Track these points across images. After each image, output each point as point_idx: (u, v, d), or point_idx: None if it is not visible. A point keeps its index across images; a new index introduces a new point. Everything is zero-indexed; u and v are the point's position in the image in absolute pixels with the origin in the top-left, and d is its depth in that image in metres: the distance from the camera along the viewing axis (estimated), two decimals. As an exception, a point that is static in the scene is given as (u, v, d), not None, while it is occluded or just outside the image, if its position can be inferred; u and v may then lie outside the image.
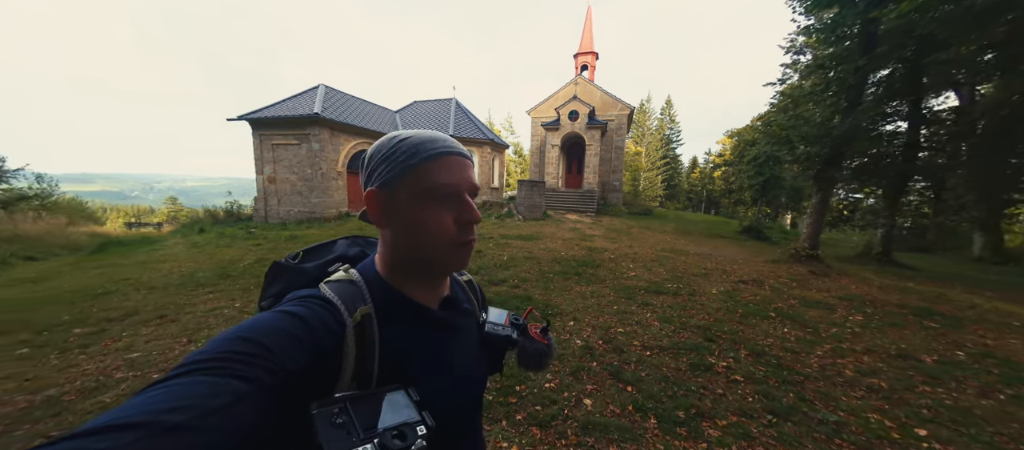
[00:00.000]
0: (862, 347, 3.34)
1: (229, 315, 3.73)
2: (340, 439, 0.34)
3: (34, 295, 4.60)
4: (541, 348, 0.67)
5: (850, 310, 4.51)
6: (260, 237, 8.19)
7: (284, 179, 11.49)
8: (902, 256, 10.56)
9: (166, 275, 5.27)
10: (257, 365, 0.34)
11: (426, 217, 0.47)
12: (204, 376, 0.31)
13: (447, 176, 0.47)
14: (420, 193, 0.47)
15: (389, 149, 0.49)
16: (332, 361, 0.42)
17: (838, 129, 7.03)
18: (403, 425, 0.37)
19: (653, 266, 6.76)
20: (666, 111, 44.62)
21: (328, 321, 0.42)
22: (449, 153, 0.49)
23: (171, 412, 0.27)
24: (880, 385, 2.67)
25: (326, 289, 0.46)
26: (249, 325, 0.38)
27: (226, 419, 0.30)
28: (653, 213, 18.50)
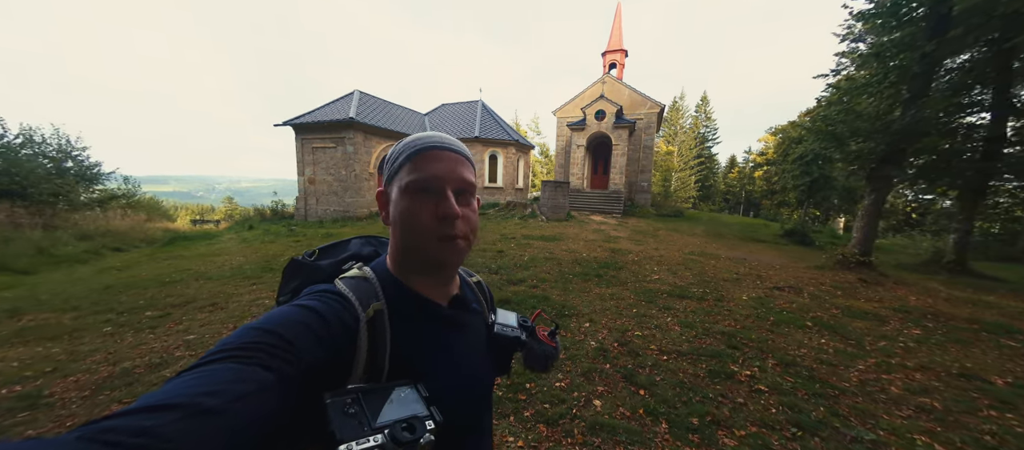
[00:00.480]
0: (915, 363, 3.00)
1: (268, 304, 4.05)
2: (351, 428, 0.35)
3: (118, 281, 5.30)
4: (548, 350, 0.67)
5: (905, 323, 4.05)
6: (300, 234, 8.90)
7: (322, 180, 12.36)
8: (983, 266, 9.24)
9: (220, 267, 5.81)
10: (278, 355, 0.36)
11: (407, 211, 0.48)
12: (233, 363, 0.33)
13: (427, 169, 0.48)
14: (404, 188, 0.49)
15: (391, 152, 0.53)
16: (346, 354, 0.43)
17: (899, 123, 6.30)
18: (412, 418, 0.38)
19: (679, 270, 6.48)
20: (701, 108, 42.30)
21: (343, 315, 0.44)
22: (432, 148, 0.49)
23: (207, 396, 0.29)
24: (933, 405, 2.39)
25: (341, 285, 0.48)
26: (270, 317, 0.40)
27: (251, 405, 0.31)
28: (684, 215, 17.63)
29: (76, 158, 11.06)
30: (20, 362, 2.80)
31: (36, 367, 2.70)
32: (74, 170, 10.84)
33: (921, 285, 6.03)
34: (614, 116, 16.26)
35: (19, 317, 3.77)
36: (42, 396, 2.34)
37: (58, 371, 2.66)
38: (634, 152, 18.23)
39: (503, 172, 16.27)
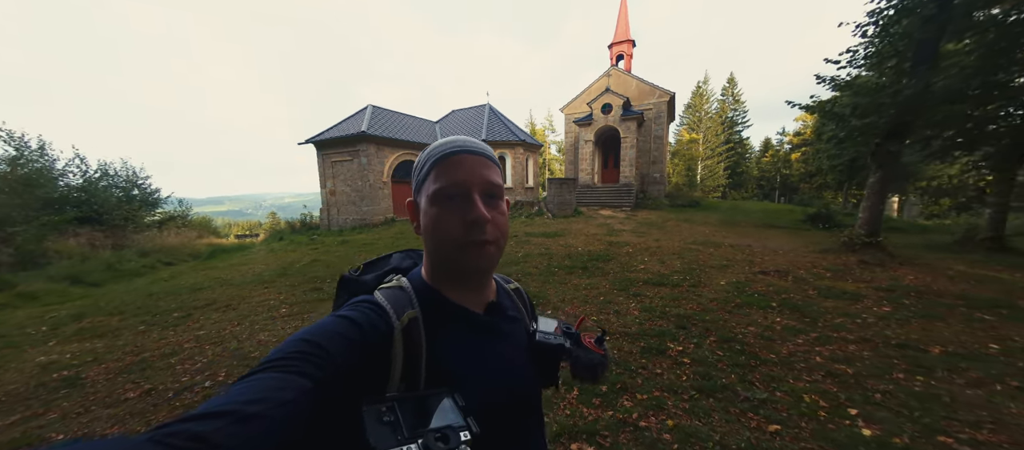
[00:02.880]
0: (856, 337, 3.06)
1: (272, 304, 4.56)
2: (387, 437, 0.35)
3: (162, 289, 6.00)
4: (596, 358, 0.63)
5: (879, 301, 3.98)
6: (319, 242, 9.94)
7: (341, 191, 13.53)
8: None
9: (243, 274, 6.48)
10: (316, 363, 0.38)
11: (436, 219, 0.49)
12: (276, 373, 0.36)
13: (451, 175, 0.48)
14: (430, 196, 0.49)
15: (417, 161, 0.53)
16: (381, 361, 0.44)
17: (904, 93, 5.92)
18: (447, 428, 0.38)
19: (670, 259, 6.55)
20: (728, 91, 39.86)
21: (378, 323, 0.45)
22: (455, 152, 0.49)
23: (251, 403, 0.32)
24: (846, 371, 2.51)
25: (378, 295, 0.50)
26: (311, 328, 0.42)
27: (292, 409, 0.34)
28: (700, 204, 17.02)
29: (141, 186, 13.00)
30: (72, 354, 3.44)
31: (82, 358, 3.31)
32: (139, 197, 12.73)
33: (933, 264, 5.66)
34: (621, 108, 16.11)
35: (81, 320, 4.49)
36: (79, 379, 2.90)
37: (96, 360, 3.24)
38: (644, 143, 17.88)
39: (512, 173, 16.70)
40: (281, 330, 3.74)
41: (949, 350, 2.75)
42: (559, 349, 0.60)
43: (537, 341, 0.60)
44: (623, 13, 19.14)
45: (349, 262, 6.94)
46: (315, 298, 4.78)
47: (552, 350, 0.60)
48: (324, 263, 6.97)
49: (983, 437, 1.81)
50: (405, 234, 10.73)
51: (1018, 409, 2.03)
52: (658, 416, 2.06)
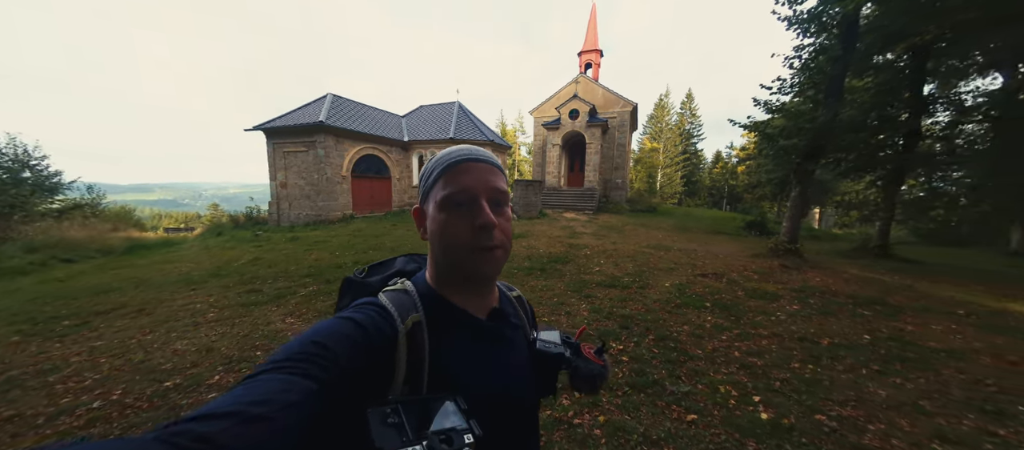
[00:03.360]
0: (769, 333, 3.49)
1: (197, 308, 4.14)
2: (392, 438, 0.36)
3: (51, 291, 5.12)
4: (596, 369, 0.64)
5: (792, 301, 4.56)
6: (264, 239, 9.17)
7: (294, 184, 12.60)
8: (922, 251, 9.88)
9: (167, 274, 5.83)
10: (321, 365, 0.38)
11: (444, 224, 0.50)
12: (281, 374, 0.35)
13: (460, 182, 0.50)
14: (439, 203, 0.50)
15: (424, 169, 0.54)
16: (385, 364, 0.44)
17: (821, 118, 6.86)
18: (450, 431, 0.38)
19: (624, 262, 6.93)
20: (686, 105, 42.95)
21: (382, 326, 0.46)
22: (463, 161, 0.51)
23: (255, 405, 0.32)
24: (757, 363, 2.87)
25: (383, 297, 0.50)
26: (317, 329, 0.42)
27: (297, 412, 0.33)
28: (657, 210, 18.20)
29: (34, 168, 11.00)
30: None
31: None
32: (32, 180, 10.76)
33: (835, 268, 6.60)
34: (587, 115, 16.74)
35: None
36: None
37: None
38: (608, 150, 18.74)
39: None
40: (204, 338, 3.35)
41: (835, 341, 3.25)
42: (560, 358, 0.61)
43: (538, 349, 0.61)
44: (593, 23, 19.90)
45: (297, 261, 6.49)
46: (252, 301, 4.37)
47: (553, 359, 0.60)
48: (267, 262, 6.45)
49: (846, 413, 2.18)
50: (363, 232, 10.27)
51: (874, 388, 2.47)
52: (592, 413, 2.21)
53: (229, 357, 2.92)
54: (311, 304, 4.15)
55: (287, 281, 5.12)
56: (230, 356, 2.93)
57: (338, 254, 7.28)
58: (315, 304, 4.13)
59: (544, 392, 0.63)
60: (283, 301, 4.29)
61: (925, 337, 3.37)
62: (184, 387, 2.50)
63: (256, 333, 3.39)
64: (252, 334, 3.36)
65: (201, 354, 2.99)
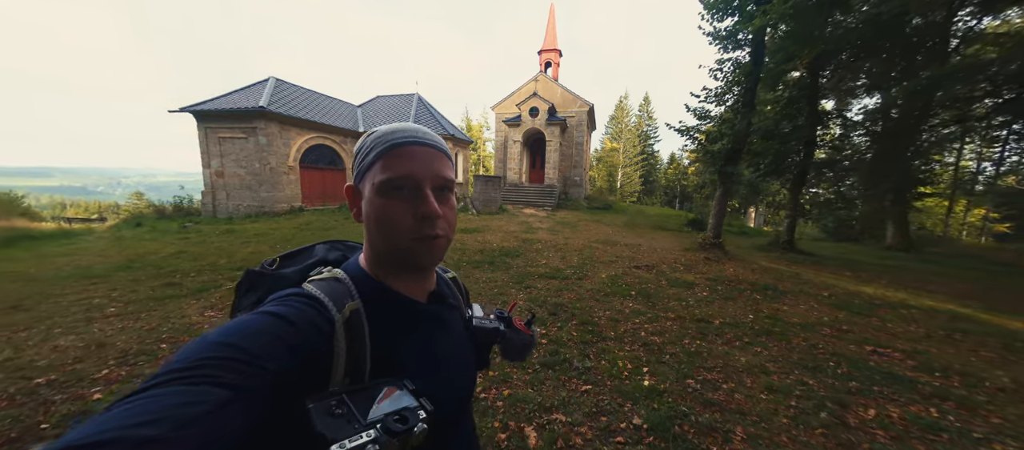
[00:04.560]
0: (676, 315, 4.00)
1: (94, 303, 3.77)
2: (341, 428, 0.34)
3: None
4: (526, 339, 0.67)
5: (705, 288, 5.21)
6: (193, 231, 8.38)
7: (232, 173, 11.58)
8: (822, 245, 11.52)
9: (60, 268, 5.23)
10: (236, 370, 0.33)
11: (384, 210, 0.47)
12: (180, 385, 0.31)
13: (404, 167, 0.47)
14: (378, 185, 0.47)
15: (360, 143, 0.50)
16: (322, 358, 0.41)
17: (737, 126, 7.78)
18: (404, 410, 0.38)
19: (571, 255, 7.35)
20: (644, 108, 45.43)
21: (315, 319, 0.42)
22: (406, 143, 0.48)
23: (145, 425, 0.27)
24: (656, 341, 3.30)
25: (310, 287, 0.46)
26: (228, 329, 0.37)
27: (205, 427, 0.29)
28: (612, 207, 19.25)
29: None
30: None
31: None
32: None
33: (748, 260, 7.57)
34: (547, 113, 17.20)
35: None
36: None
37: None
38: (567, 148, 19.41)
39: (440, 166, 16.39)
40: (97, 333, 3.07)
41: (726, 321, 3.83)
42: (495, 332, 0.64)
43: (475, 326, 0.63)
44: (551, 23, 20.35)
45: (228, 254, 6.06)
46: (167, 295, 4.04)
47: (488, 334, 0.63)
48: (193, 255, 5.96)
49: (710, 376, 2.63)
50: (312, 225, 9.76)
51: (738, 355, 2.99)
52: (499, 389, 2.44)
53: (125, 351, 2.71)
54: (236, 300, 3.95)
55: (213, 274, 4.79)
56: (127, 350, 2.72)
57: (279, 247, 6.91)
58: (241, 300, 3.94)
59: (479, 366, 0.65)
60: (205, 294, 4.04)
61: (792, 315, 4.08)
62: (60, 383, 2.29)
63: (165, 326, 3.17)
64: (160, 328, 3.15)
65: (89, 350, 2.75)
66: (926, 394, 2.39)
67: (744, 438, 1.94)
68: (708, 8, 7.73)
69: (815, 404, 2.26)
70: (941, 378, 2.63)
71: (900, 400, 2.32)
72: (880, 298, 4.90)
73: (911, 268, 8.06)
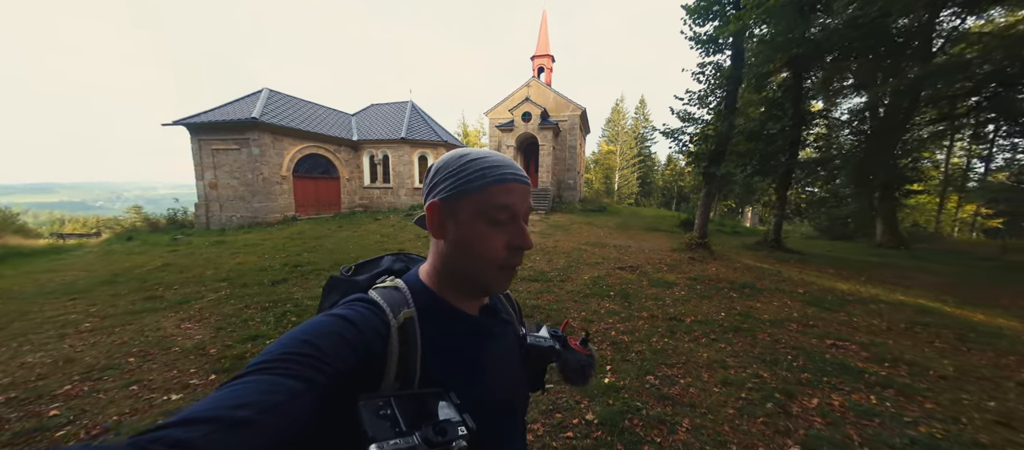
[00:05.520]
0: (650, 314, 4.08)
1: (70, 319, 3.74)
2: (384, 429, 0.36)
3: None
4: (583, 359, 0.66)
5: (684, 287, 5.29)
6: (183, 243, 8.48)
7: (226, 184, 11.72)
8: (813, 243, 11.56)
9: (43, 284, 5.25)
10: (310, 364, 0.37)
11: (481, 237, 0.49)
12: (265, 376, 0.35)
13: (508, 199, 0.50)
14: (481, 213, 0.49)
15: (459, 166, 0.52)
16: (378, 360, 0.44)
17: (721, 128, 7.92)
18: (445, 422, 0.39)
19: (558, 258, 7.44)
20: (640, 110, 45.77)
21: (374, 322, 0.45)
22: (514, 180, 0.51)
23: (238, 408, 0.31)
24: (625, 340, 3.37)
25: (373, 294, 0.50)
26: (305, 328, 0.41)
27: (283, 413, 0.33)
28: (607, 209, 19.36)
29: None
30: None
31: None
32: None
33: (733, 260, 7.65)
34: (539, 118, 17.38)
35: None
36: None
37: None
38: (560, 152, 19.59)
39: (434, 173, 16.54)
40: (67, 349, 3.06)
41: (697, 319, 3.91)
42: (550, 351, 0.63)
43: (530, 344, 0.62)
44: (544, 29, 20.65)
45: (215, 266, 6.15)
46: (146, 308, 4.07)
47: (544, 353, 0.62)
48: (179, 267, 6.05)
49: (670, 372, 2.71)
50: (304, 234, 9.86)
51: (701, 352, 3.07)
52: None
53: (92, 366, 2.76)
54: (218, 308, 4.03)
55: (197, 286, 4.88)
56: (94, 365, 2.77)
57: (268, 257, 7.00)
58: (223, 308, 4.03)
59: (533, 387, 0.66)
60: (185, 306, 4.11)
61: (763, 311, 4.16)
62: (19, 400, 2.30)
63: (137, 340, 3.22)
64: (132, 341, 3.20)
65: (56, 366, 2.77)
66: (871, 383, 2.47)
67: (689, 429, 2.02)
68: (690, 13, 7.92)
69: (764, 395, 2.34)
70: (889, 368, 2.71)
71: (845, 389, 2.40)
72: (853, 294, 4.97)
73: (895, 264, 8.14)
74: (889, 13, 7.65)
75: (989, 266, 8.34)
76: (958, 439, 1.85)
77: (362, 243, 8.88)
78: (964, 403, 2.22)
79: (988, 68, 8.25)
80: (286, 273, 5.71)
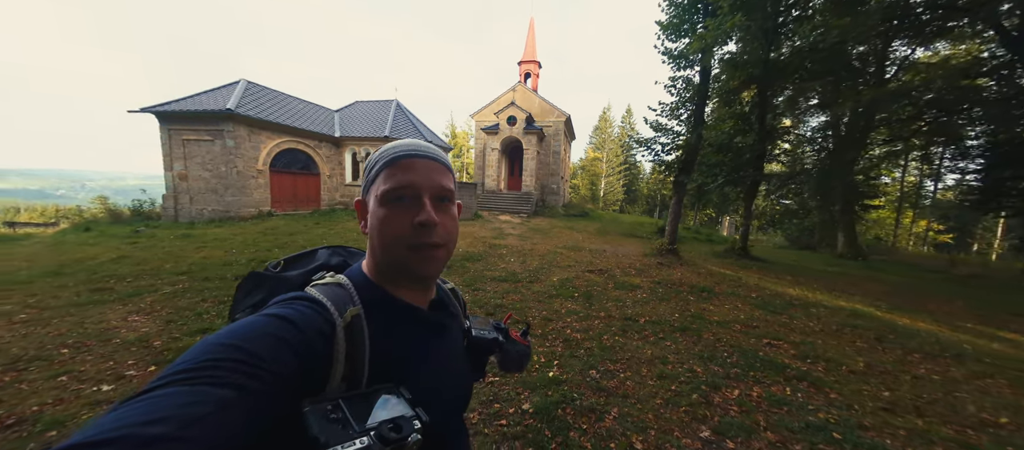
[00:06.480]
0: (607, 315, 4.23)
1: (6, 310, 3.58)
2: (336, 433, 0.34)
3: None
4: (523, 350, 0.69)
5: (645, 290, 5.49)
6: (145, 235, 8.15)
7: (197, 176, 11.33)
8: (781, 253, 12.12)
9: None
10: (240, 371, 0.33)
11: (384, 220, 0.49)
12: (184, 385, 0.31)
13: (402, 177, 0.48)
14: (380, 197, 0.49)
15: (368, 161, 0.52)
16: (322, 362, 0.42)
17: (690, 139, 8.29)
18: (399, 419, 0.38)
19: (531, 260, 7.54)
20: (626, 120, 46.83)
21: (317, 322, 0.43)
22: (407, 156, 0.50)
23: (150, 424, 0.27)
24: (579, 337, 3.50)
25: (314, 291, 0.47)
26: (231, 330, 0.38)
27: (210, 427, 0.29)
28: (589, 215, 19.72)
29: None
30: None
31: None
32: None
33: (699, 265, 7.98)
34: (524, 122, 17.61)
35: None
36: None
37: None
38: (545, 157, 19.87)
39: (417, 173, 16.46)
40: None
41: (651, 319, 4.08)
42: (493, 343, 0.66)
43: (475, 337, 0.64)
44: (531, 36, 21.00)
45: (176, 259, 5.95)
46: (91, 300, 3.92)
47: (487, 345, 0.65)
48: (136, 260, 5.83)
49: (612, 367, 2.85)
50: (277, 229, 9.64)
51: (646, 349, 3.23)
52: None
53: (18, 357, 2.63)
54: (171, 302, 3.92)
55: (152, 279, 4.72)
56: (20, 356, 2.66)
57: (236, 252, 6.82)
58: (177, 302, 3.92)
59: (475, 376, 0.68)
60: (135, 299, 3.98)
61: (714, 313, 4.39)
62: None
63: (75, 332, 3.11)
64: (69, 333, 3.08)
65: None
66: (790, 377, 2.68)
67: (616, 417, 2.14)
68: (664, 29, 8.29)
69: (692, 388, 2.50)
70: (810, 364, 2.94)
71: (766, 382, 2.60)
72: (800, 299, 5.30)
73: (849, 274, 8.67)
74: (846, 41, 8.24)
75: (935, 277, 9.00)
76: (846, 423, 2.05)
77: (336, 240, 8.76)
78: (863, 393, 2.44)
79: (930, 95, 8.98)
80: (251, 267, 5.56)
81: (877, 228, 20.66)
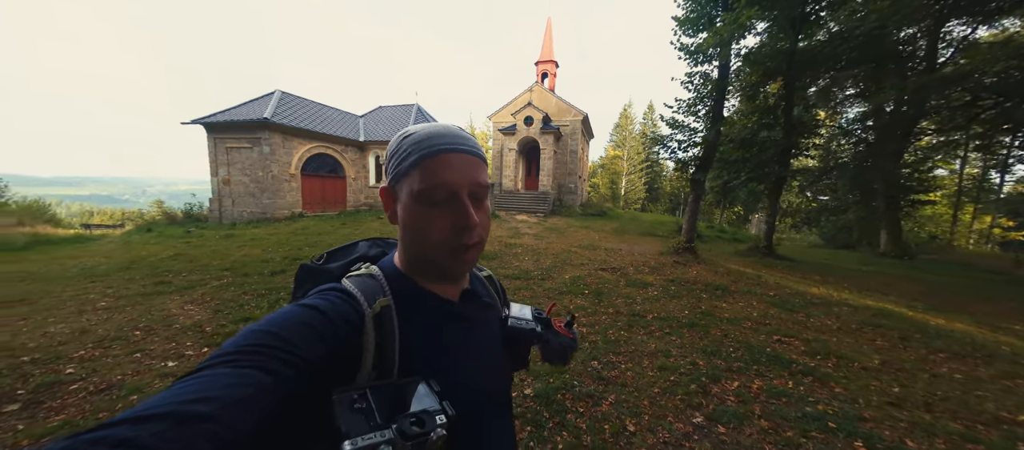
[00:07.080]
0: (615, 311, 4.29)
1: (88, 298, 4.16)
2: (359, 424, 0.35)
3: None
4: (566, 342, 0.66)
5: (657, 288, 5.47)
6: (195, 235, 9.07)
7: (238, 181, 12.38)
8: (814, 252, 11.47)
9: (67, 268, 5.76)
10: (277, 357, 0.35)
11: (421, 218, 0.47)
12: (228, 368, 0.33)
13: (443, 175, 0.46)
14: (415, 194, 0.47)
15: (395, 146, 0.50)
16: (352, 351, 0.43)
17: (709, 135, 8.08)
18: (422, 412, 0.37)
19: (545, 259, 7.67)
20: (648, 115, 45.52)
21: (347, 312, 0.44)
22: (450, 150, 0.47)
23: (196, 402, 0.29)
24: (584, 331, 3.61)
25: (347, 282, 0.48)
26: (271, 319, 0.40)
27: (248, 408, 0.31)
28: (607, 214, 19.47)
29: None
30: None
31: None
32: None
33: (718, 264, 7.75)
34: (541, 122, 17.70)
35: None
36: None
37: None
38: (562, 156, 19.85)
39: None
40: (84, 323, 3.44)
41: (660, 316, 4.10)
42: (531, 333, 0.62)
43: (510, 326, 0.61)
44: (548, 36, 21.03)
45: (221, 257, 6.62)
46: (154, 291, 4.52)
47: (525, 335, 0.62)
48: (188, 257, 6.53)
49: (614, 359, 2.94)
50: (307, 229, 10.36)
51: (651, 343, 3.28)
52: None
53: (103, 337, 3.12)
54: (218, 294, 4.43)
55: (202, 274, 5.33)
56: (105, 336, 3.14)
57: (271, 250, 7.46)
58: (223, 294, 4.43)
59: (517, 366, 0.67)
60: (189, 291, 4.51)
61: (726, 311, 4.32)
62: (42, 361, 2.69)
63: (144, 318, 3.61)
64: (139, 319, 3.59)
65: (73, 336, 3.13)
66: (795, 372, 2.66)
67: (612, 403, 2.26)
68: (681, 24, 8.13)
69: (691, 379, 2.55)
70: (819, 360, 2.88)
71: (769, 376, 2.60)
72: (822, 298, 5.08)
73: (885, 273, 8.10)
74: (885, 26, 7.71)
75: (990, 278, 8.21)
76: (844, 414, 2.04)
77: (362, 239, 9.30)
78: (870, 389, 2.39)
79: (992, 79, 8.17)
80: (285, 265, 6.12)
81: (932, 225, 18.88)
